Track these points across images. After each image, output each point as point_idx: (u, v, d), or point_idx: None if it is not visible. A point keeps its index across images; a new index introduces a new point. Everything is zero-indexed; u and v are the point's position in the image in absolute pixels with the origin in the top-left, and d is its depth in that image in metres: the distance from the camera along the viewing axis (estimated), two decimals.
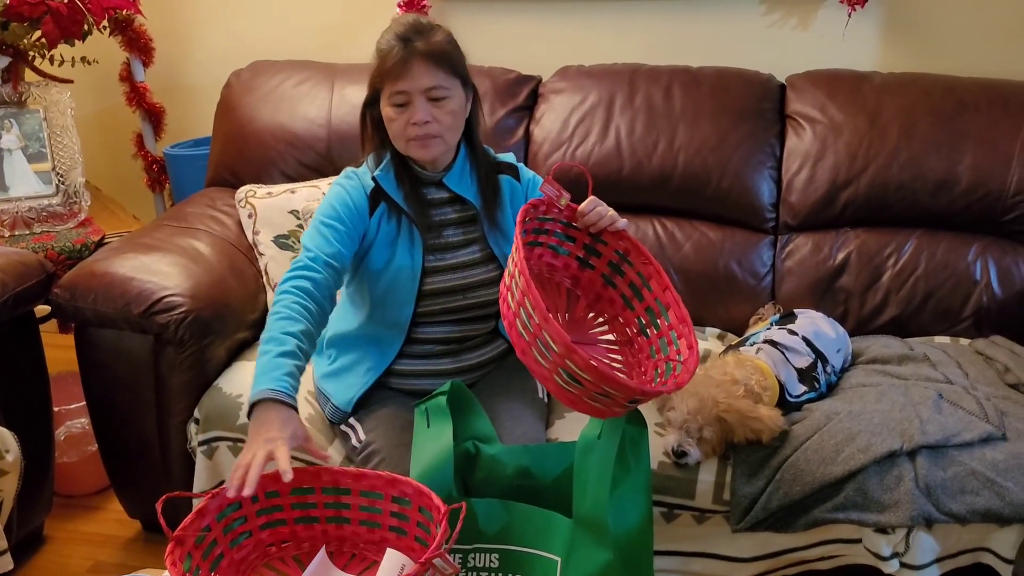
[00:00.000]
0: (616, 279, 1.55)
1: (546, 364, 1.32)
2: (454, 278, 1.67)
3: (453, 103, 1.59)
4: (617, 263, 1.54)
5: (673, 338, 1.47)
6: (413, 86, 1.55)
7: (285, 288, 1.52)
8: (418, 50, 1.55)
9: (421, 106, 1.56)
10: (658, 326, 1.50)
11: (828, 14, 2.34)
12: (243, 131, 2.37)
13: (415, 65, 1.55)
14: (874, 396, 1.71)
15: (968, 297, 2.05)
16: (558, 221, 1.53)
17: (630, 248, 1.52)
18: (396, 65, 1.55)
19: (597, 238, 1.54)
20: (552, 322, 1.26)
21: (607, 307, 1.58)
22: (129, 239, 2.08)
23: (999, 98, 2.11)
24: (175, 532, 1.23)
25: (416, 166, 1.67)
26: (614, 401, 1.33)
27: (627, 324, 1.56)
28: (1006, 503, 1.50)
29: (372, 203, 1.65)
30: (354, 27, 2.63)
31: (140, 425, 1.93)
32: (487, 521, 1.43)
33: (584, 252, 1.56)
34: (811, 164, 2.17)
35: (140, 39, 2.62)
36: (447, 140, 1.62)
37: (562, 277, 1.59)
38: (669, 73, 2.30)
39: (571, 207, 1.50)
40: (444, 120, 1.59)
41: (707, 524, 1.64)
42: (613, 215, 1.51)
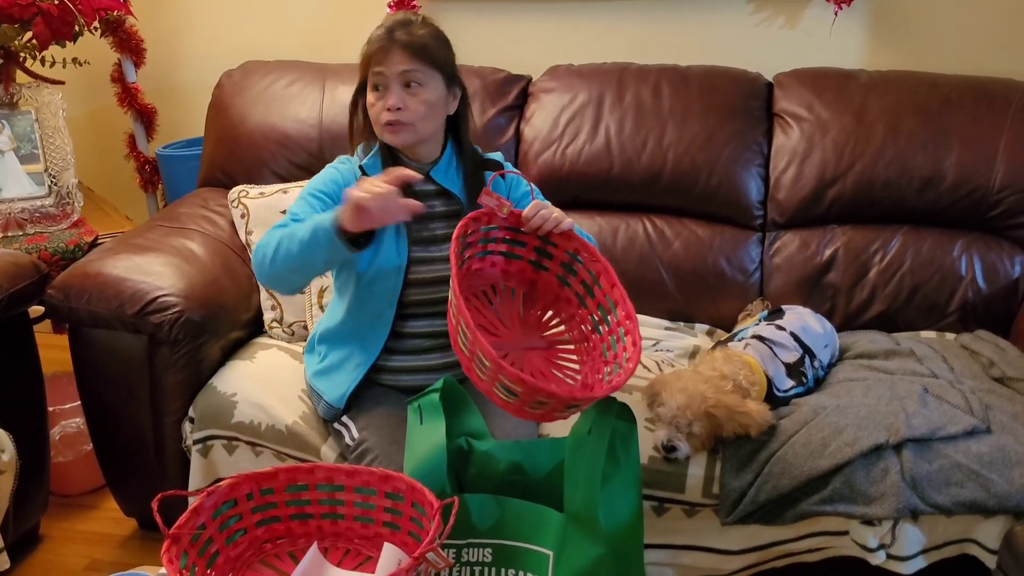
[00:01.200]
0: (570, 278, 1.58)
1: (484, 378, 1.36)
2: (439, 269, 1.69)
3: (428, 93, 1.63)
4: (569, 262, 1.57)
5: (621, 335, 1.49)
6: (389, 70, 1.61)
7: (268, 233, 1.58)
8: (399, 38, 1.61)
9: (395, 91, 1.62)
10: (608, 323, 1.52)
11: (815, 13, 2.36)
12: (235, 131, 2.38)
13: (393, 51, 1.61)
14: (861, 390, 1.73)
15: (953, 292, 2.08)
16: (505, 229, 1.55)
17: (579, 247, 1.54)
18: (377, 51, 1.62)
19: (547, 240, 1.56)
20: (480, 339, 1.30)
21: (564, 306, 1.61)
22: (122, 240, 2.09)
23: (983, 96, 2.14)
24: (171, 530, 1.24)
25: (404, 157, 1.70)
26: (553, 407, 1.37)
27: (582, 321, 1.59)
28: (991, 495, 1.53)
29: None
30: (345, 27, 2.64)
31: (135, 424, 1.94)
32: (480, 516, 1.44)
33: (536, 255, 1.59)
34: (798, 162, 2.19)
35: (131, 40, 2.62)
36: (418, 129, 1.65)
37: (517, 282, 1.61)
38: (658, 72, 2.32)
39: (514, 214, 1.52)
40: (417, 108, 1.63)
41: (697, 517, 1.66)
42: (558, 217, 1.53)
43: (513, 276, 1.61)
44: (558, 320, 1.63)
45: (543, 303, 1.63)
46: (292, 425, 1.80)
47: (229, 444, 1.86)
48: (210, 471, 1.89)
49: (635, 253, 2.22)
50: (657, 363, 1.95)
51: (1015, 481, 1.53)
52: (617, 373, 1.45)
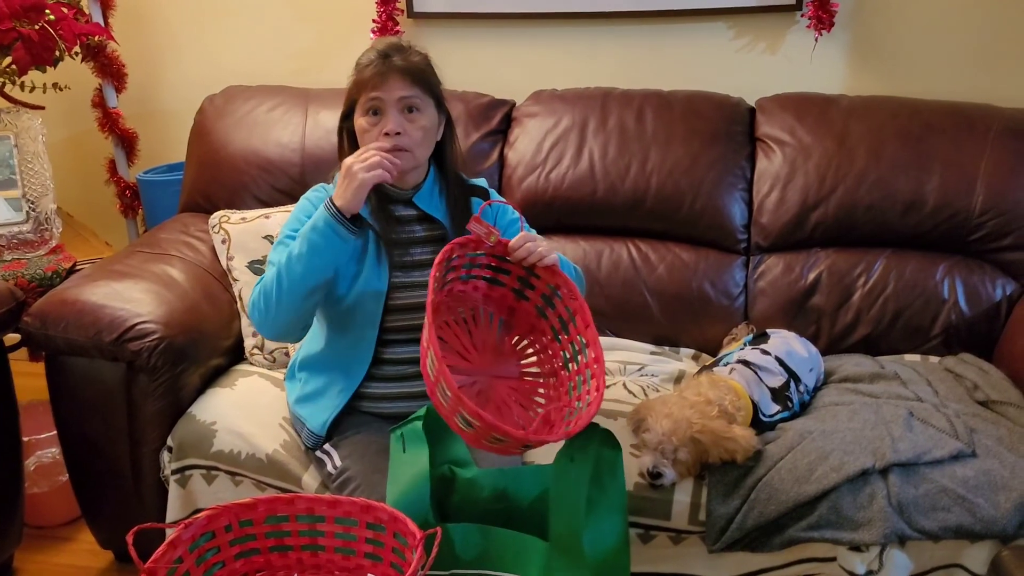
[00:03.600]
0: (548, 311, 1.58)
1: (446, 406, 1.36)
2: (421, 295, 1.67)
3: (425, 119, 1.63)
4: (549, 295, 1.57)
5: (588, 376, 1.50)
6: (388, 95, 1.60)
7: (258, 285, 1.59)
8: (395, 64, 1.60)
9: (394, 116, 1.60)
10: (578, 362, 1.53)
11: (796, 39, 2.38)
12: (216, 156, 2.37)
13: (392, 77, 1.60)
14: (846, 415, 1.73)
15: (937, 316, 2.08)
16: (491, 256, 1.55)
17: (560, 283, 1.54)
18: (374, 76, 1.60)
19: (531, 271, 1.56)
20: (445, 371, 1.30)
21: (539, 337, 1.61)
22: (101, 266, 2.07)
23: (964, 121, 2.16)
24: (147, 564, 1.21)
25: (386, 183, 1.69)
26: (510, 445, 1.37)
27: (554, 355, 1.59)
28: (977, 519, 1.52)
29: None
30: (328, 52, 2.64)
31: (112, 454, 1.90)
32: (464, 546, 1.42)
33: (519, 284, 1.59)
34: (781, 186, 2.20)
35: (112, 65, 2.62)
36: (416, 155, 1.65)
37: (497, 308, 1.61)
38: (641, 97, 2.33)
39: (501, 243, 1.52)
40: (415, 134, 1.62)
41: (683, 545, 1.65)
42: (543, 251, 1.52)
43: (494, 301, 1.61)
44: (532, 350, 1.63)
45: (520, 331, 1.63)
46: (273, 454, 1.77)
47: (208, 474, 1.83)
48: (188, 502, 1.85)
49: (619, 277, 2.22)
50: (643, 388, 1.94)
51: (1001, 505, 1.52)
52: (576, 417, 1.44)
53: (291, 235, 1.65)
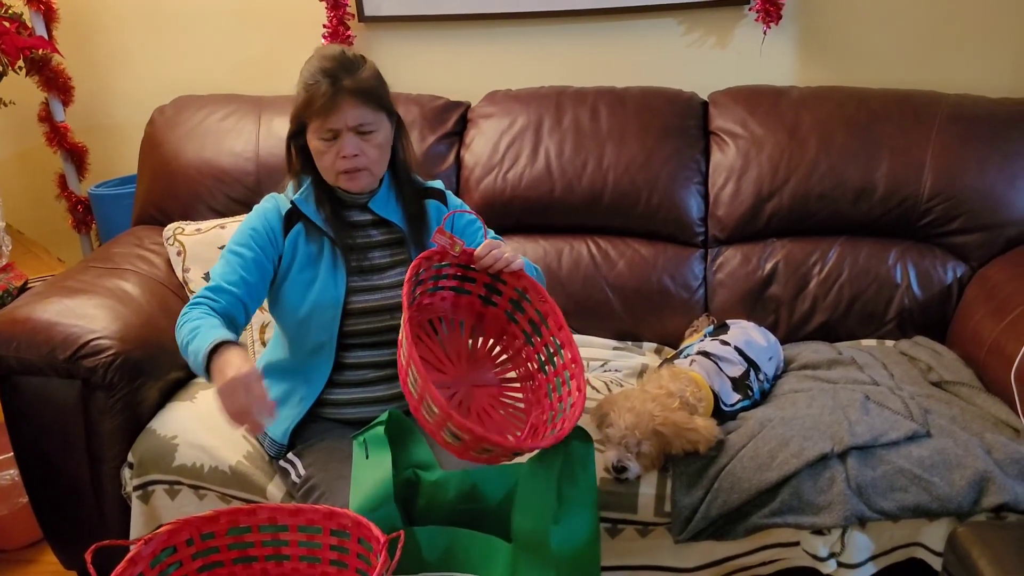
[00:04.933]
0: (517, 315, 1.59)
1: (432, 422, 1.35)
2: (380, 298, 1.67)
3: (380, 136, 1.63)
4: (517, 300, 1.58)
5: (567, 378, 1.51)
6: (341, 123, 1.58)
7: (183, 312, 1.57)
8: (346, 87, 1.57)
9: (349, 140, 1.59)
10: (555, 364, 1.54)
11: (745, 32, 2.41)
12: (169, 168, 2.34)
13: (343, 103, 1.57)
14: (805, 401, 1.75)
15: (890, 300, 2.12)
16: (456, 265, 1.56)
17: (528, 286, 1.55)
18: (324, 103, 1.57)
19: (497, 277, 1.57)
20: (432, 389, 1.30)
21: (511, 341, 1.62)
22: (53, 283, 2.03)
23: (910, 108, 2.20)
24: None
25: (341, 190, 1.68)
26: (499, 454, 1.38)
27: (528, 359, 1.60)
28: (933, 498, 1.55)
29: (287, 224, 1.67)
30: (279, 59, 2.62)
31: (72, 473, 1.87)
32: (430, 549, 1.42)
33: (486, 291, 1.60)
34: (736, 178, 2.23)
35: (58, 78, 2.58)
36: (374, 172, 1.65)
37: (466, 315, 1.61)
38: (595, 94, 2.34)
39: (466, 252, 1.53)
40: (371, 153, 1.62)
41: (650, 537, 1.66)
42: (509, 257, 1.54)
43: (462, 309, 1.61)
44: (506, 356, 1.63)
45: (490, 335, 1.63)
46: (236, 465, 1.75)
47: (171, 489, 1.80)
48: (152, 518, 1.83)
49: (580, 275, 2.23)
50: (606, 383, 1.95)
51: (956, 483, 1.55)
52: (562, 418, 1.45)
53: (233, 249, 1.63)
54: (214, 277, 1.61)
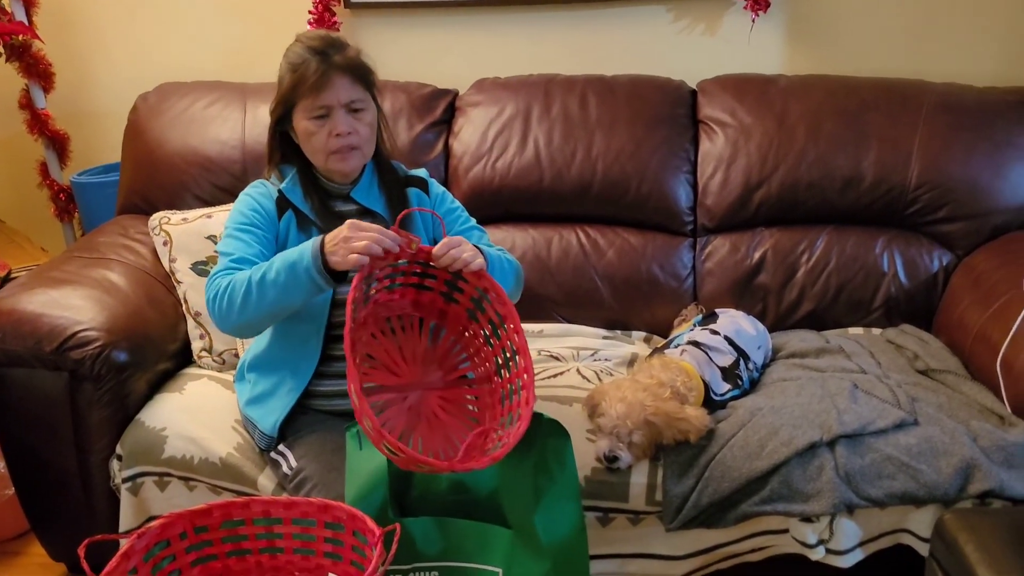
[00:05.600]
0: (478, 314, 1.55)
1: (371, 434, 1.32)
2: None
3: (369, 116, 1.63)
4: (478, 299, 1.53)
5: (518, 387, 1.46)
6: (334, 99, 1.57)
7: (214, 282, 1.54)
8: (337, 63, 1.57)
9: (342, 118, 1.58)
10: (510, 369, 1.50)
11: (733, 20, 2.41)
12: (153, 156, 2.31)
13: (335, 78, 1.57)
14: (794, 390, 1.77)
15: (877, 288, 2.14)
16: (416, 263, 1.51)
17: (488, 287, 1.50)
18: (317, 79, 1.56)
19: (458, 275, 1.52)
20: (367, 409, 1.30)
21: (472, 341, 1.57)
22: (37, 273, 2.00)
23: (898, 97, 2.21)
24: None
25: (324, 179, 1.67)
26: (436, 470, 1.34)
27: (487, 359, 1.55)
28: (920, 485, 1.57)
29: (280, 209, 1.66)
30: (264, 45, 2.56)
31: (59, 465, 1.86)
32: (424, 540, 1.42)
33: (447, 288, 1.55)
34: (724, 167, 2.23)
35: (39, 65, 2.54)
36: (365, 152, 1.65)
37: (428, 312, 1.58)
38: (584, 82, 2.33)
39: (424, 250, 1.48)
40: (363, 132, 1.62)
41: (641, 525, 1.67)
42: (468, 257, 1.47)
43: (424, 306, 1.57)
44: (466, 354, 1.59)
45: (452, 333, 1.59)
46: (226, 457, 1.75)
47: (160, 480, 1.79)
48: (141, 509, 1.82)
49: (570, 263, 2.23)
50: (596, 373, 1.96)
51: (942, 470, 1.57)
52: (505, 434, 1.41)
53: (239, 228, 1.61)
54: (232, 252, 1.57)
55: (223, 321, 1.56)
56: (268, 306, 1.51)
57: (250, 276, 1.51)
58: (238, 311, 1.52)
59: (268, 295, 1.49)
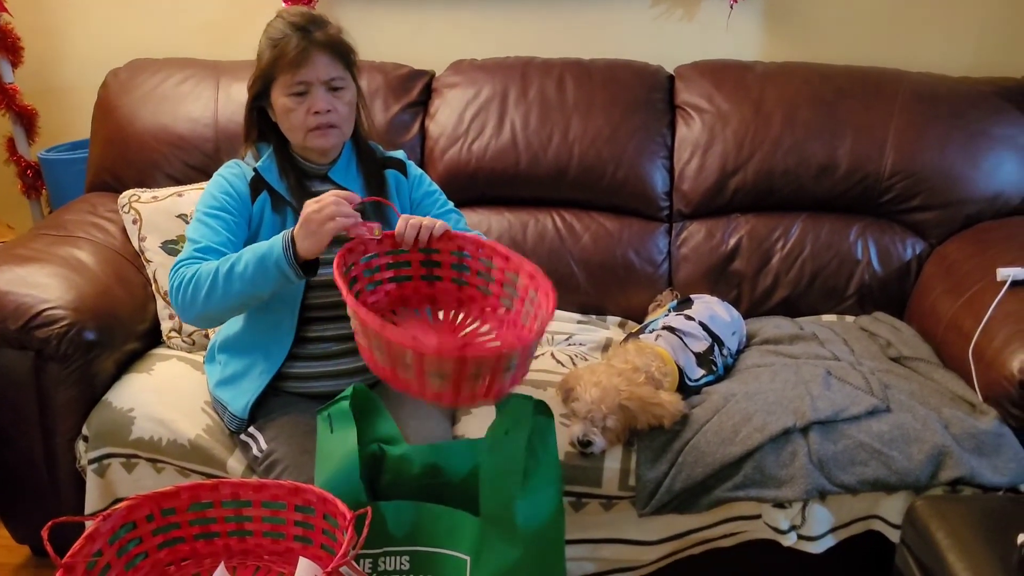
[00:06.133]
0: (464, 276, 1.54)
1: (414, 374, 1.28)
2: None
3: (349, 94, 1.62)
4: (458, 263, 1.53)
5: (532, 295, 1.45)
6: (313, 75, 1.56)
7: (178, 271, 1.52)
8: (317, 40, 1.56)
9: (322, 95, 1.57)
10: (517, 294, 1.49)
11: (711, 6, 2.40)
12: (123, 133, 2.26)
13: (315, 55, 1.55)
14: (768, 376, 1.77)
15: (851, 276, 2.15)
16: (385, 254, 1.50)
17: (462, 243, 1.51)
18: (296, 55, 1.54)
19: (430, 249, 1.51)
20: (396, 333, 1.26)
21: (472, 306, 1.56)
22: (3, 250, 1.96)
23: (872, 85, 2.22)
24: (64, 559, 1.16)
25: (301, 159, 1.65)
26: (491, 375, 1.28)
27: (494, 309, 1.54)
28: (892, 471, 1.58)
29: (253, 191, 1.64)
30: (239, 23, 2.55)
31: (24, 445, 1.82)
32: (396, 523, 1.41)
33: (425, 269, 1.54)
34: (701, 153, 2.23)
35: (7, 38, 2.48)
36: (344, 131, 1.63)
37: (417, 302, 1.57)
38: (561, 65, 2.32)
39: (387, 235, 1.48)
40: (342, 110, 1.61)
41: (614, 510, 1.67)
42: (430, 224, 1.48)
43: (410, 298, 1.56)
44: (472, 319, 1.60)
45: (448, 309, 1.58)
46: (195, 439, 1.72)
47: (128, 462, 1.77)
48: (108, 491, 1.79)
49: (545, 248, 2.22)
50: (571, 357, 1.95)
51: (914, 457, 1.59)
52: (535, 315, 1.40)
53: (208, 212, 1.59)
54: (198, 239, 1.55)
55: (185, 311, 1.54)
56: (234, 298, 1.49)
57: (217, 267, 1.48)
58: (202, 302, 1.50)
59: (234, 287, 1.47)
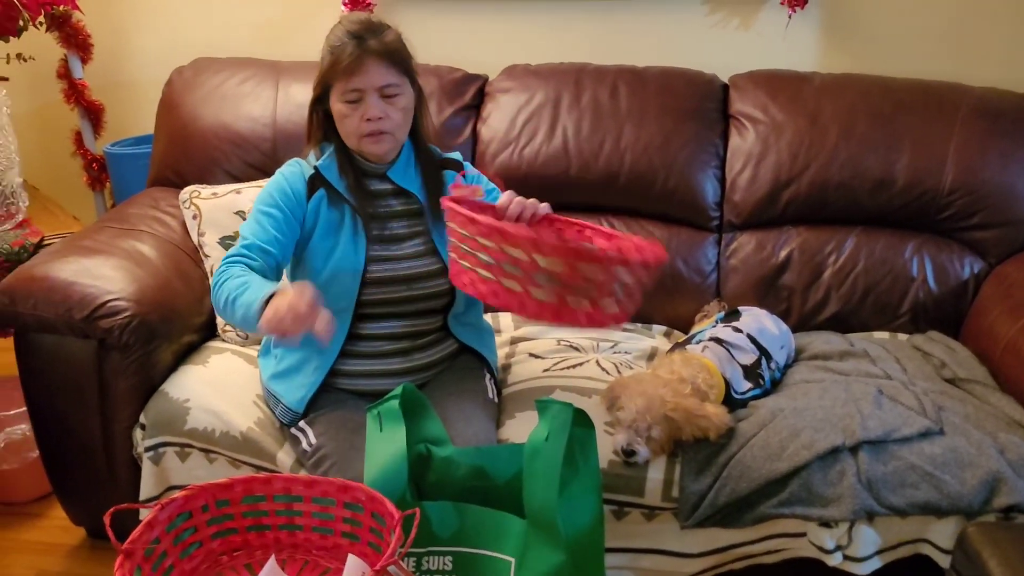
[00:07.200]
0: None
1: (519, 282, 1.27)
2: (398, 267, 1.68)
3: (404, 100, 1.64)
4: None
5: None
6: (367, 83, 1.59)
7: (221, 269, 1.55)
8: (372, 48, 1.58)
9: (375, 102, 1.60)
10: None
11: (769, 15, 2.38)
12: (186, 130, 2.33)
13: (369, 63, 1.58)
14: (817, 392, 1.75)
15: (905, 293, 2.12)
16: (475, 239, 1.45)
17: (561, 226, 1.53)
18: (350, 63, 1.58)
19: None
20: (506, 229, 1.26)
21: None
22: (70, 242, 2.03)
23: (934, 100, 2.18)
24: (124, 545, 1.21)
25: (361, 158, 1.68)
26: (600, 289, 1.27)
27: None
28: (944, 496, 1.56)
29: (310, 188, 1.68)
30: (298, 23, 2.59)
31: (84, 431, 1.88)
32: (440, 524, 1.44)
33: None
34: (754, 163, 2.21)
35: (78, 35, 2.55)
36: (398, 137, 1.66)
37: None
38: (615, 72, 2.32)
39: (488, 206, 1.51)
40: (395, 117, 1.63)
41: (656, 521, 1.67)
42: (533, 203, 1.55)
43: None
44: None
45: None
46: (247, 431, 1.77)
47: (182, 451, 1.82)
48: (162, 479, 1.84)
49: None
50: (616, 365, 1.96)
51: (967, 482, 1.56)
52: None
53: (261, 209, 1.64)
54: (247, 236, 1.61)
55: (216, 310, 1.58)
56: (238, 323, 1.54)
57: (231, 290, 1.50)
58: (221, 311, 1.54)
59: (236, 316, 1.50)
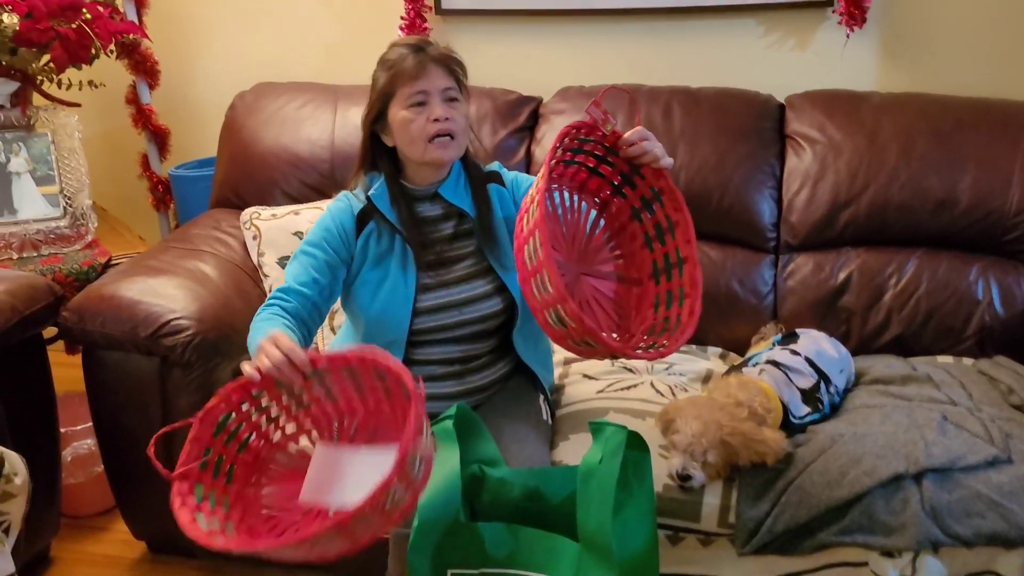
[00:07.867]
0: (644, 215, 1.50)
1: (538, 299, 1.31)
2: (449, 294, 1.68)
3: (463, 108, 1.66)
4: (650, 200, 1.48)
5: (680, 295, 1.42)
6: (432, 85, 1.61)
7: (259, 311, 1.60)
8: (432, 55, 1.62)
9: (440, 103, 1.61)
10: (670, 277, 1.45)
11: (826, 34, 2.36)
12: (247, 153, 2.39)
13: (431, 67, 1.61)
14: (878, 418, 1.71)
15: (970, 316, 2.06)
16: (599, 144, 1.48)
17: (665, 189, 1.47)
18: (414, 68, 1.60)
19: (636, 170, 1.48)
20: (553, 269, 1.27)
21: (628, 241, 1.52)
22: (136, 262, 2.09)
23: (997, 118, 2.13)
24: (174, 472, 1.22)
25: (409, 185, 1.69)
26: (595, 351, 1.33)
27: (643, 264, 1.50)
28: (1012, 526, 1.50)
29: (360, 223, 1.68)
30: (356, 47, 2.64)
31: (146, 446, 1.92)
32: (494, 545, 1.43)
33: (620, 179, 1.50)
34: (811, 184, 2.19)
35: (146, 62, 2.65)
36: (460, 142, 1.66)
37: (591, 199, 1.54)
38: (669, 93, 2.32)
39: (615, 134, 1.46)
40: (460, 121, 1.64)
41: (712, 547, 1.64)
42: (657, 152, 1.48)
43: (589, 192, 1.53)
44: (618, 252, 1.55)
45: (609, 228, 1.54)
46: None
47: None
48: None
49: None
50: (671, 387, 1.94)
51: None
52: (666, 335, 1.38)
53: (305, 250, 1.65)
54: (286, 278, 1.64)
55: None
56: None
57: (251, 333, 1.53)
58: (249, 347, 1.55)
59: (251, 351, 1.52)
